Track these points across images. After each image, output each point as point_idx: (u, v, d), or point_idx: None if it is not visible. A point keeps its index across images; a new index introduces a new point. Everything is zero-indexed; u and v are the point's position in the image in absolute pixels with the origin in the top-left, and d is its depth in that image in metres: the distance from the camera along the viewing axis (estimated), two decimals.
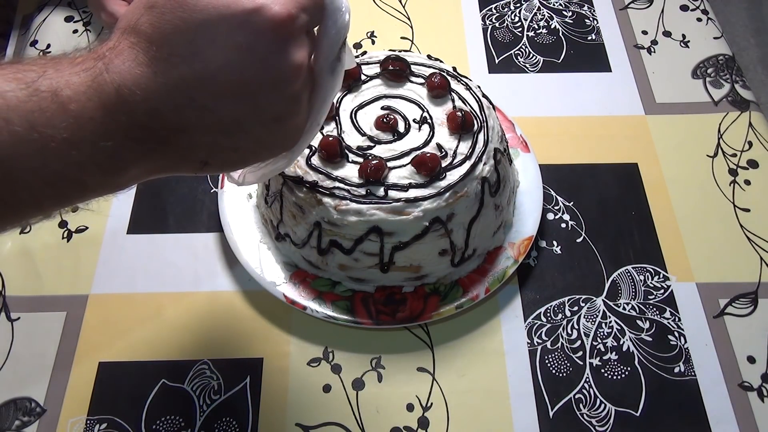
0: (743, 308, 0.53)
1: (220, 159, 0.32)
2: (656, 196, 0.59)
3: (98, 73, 0.28)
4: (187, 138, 0.30)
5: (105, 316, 0.52)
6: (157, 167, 0.31)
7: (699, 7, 0.75)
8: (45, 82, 0.27)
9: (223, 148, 0.32)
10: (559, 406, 0.49)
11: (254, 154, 0.34)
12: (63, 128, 0.27)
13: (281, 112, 0.31)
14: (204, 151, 0.31)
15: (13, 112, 0.26)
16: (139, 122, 0.28)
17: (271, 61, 0.29)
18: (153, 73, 0.28)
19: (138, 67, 0.28)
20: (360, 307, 0.51)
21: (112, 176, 0.30)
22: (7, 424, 0.47)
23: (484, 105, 0.52)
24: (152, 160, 0.30)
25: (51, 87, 0.27)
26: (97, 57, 0.28)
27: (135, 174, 0.31)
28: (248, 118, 0.31)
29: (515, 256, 0.53)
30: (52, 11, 0.72)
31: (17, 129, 0.26)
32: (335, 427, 0.48)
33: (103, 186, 0.31)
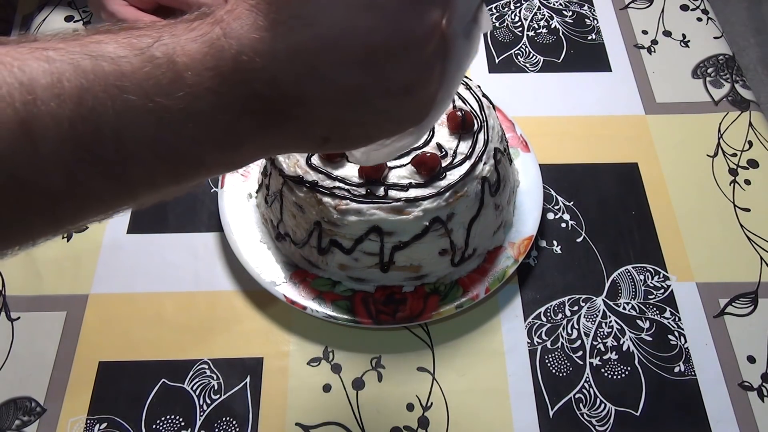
0: (743, 308, 0.53)
1: (343, 135, 0.29)
2: (656, 196, 0.59)
3: (215, 39, 0.25)
4: (308, 111, 0.27)
5: (105, 316, 0.52)
6: (275, 143, 0.29)
7: (699, 7, 0.75)
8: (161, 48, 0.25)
9: (347, 122, 0.29)
10: (559, 405, 0.49)
11: (380, 129, 0.30)
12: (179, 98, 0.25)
13: (411, 81, 0.28)
14: (325, 126, 0.28)
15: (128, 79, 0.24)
16: (258, 93, 0.26)
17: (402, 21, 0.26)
18: (272, 38, 0.25)
19: (257, 31, 0.25)
20: (360, 306, 0.51)
21: (229, 152, 0.28)
22: (7, 424, 0.47)
23: (484, 105, 0.52)
24: (270, 135, 0.28)
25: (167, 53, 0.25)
26: (215, 21, 0.26)
27: (252, 151, 0.28)
28: (375, 88, 0.27)
29: (515, 256, 0.53)
30: (52, 11, 0.72)
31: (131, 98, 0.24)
32: (335, 427, 0.48)
33: (219, 163, 0.28)
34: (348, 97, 0.27)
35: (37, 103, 0.23)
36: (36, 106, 0.23)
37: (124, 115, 0.24)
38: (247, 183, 0.57)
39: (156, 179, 0.27)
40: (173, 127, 0.25)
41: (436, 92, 0.30)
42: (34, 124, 0.23)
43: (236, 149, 0.28)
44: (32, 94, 0.23)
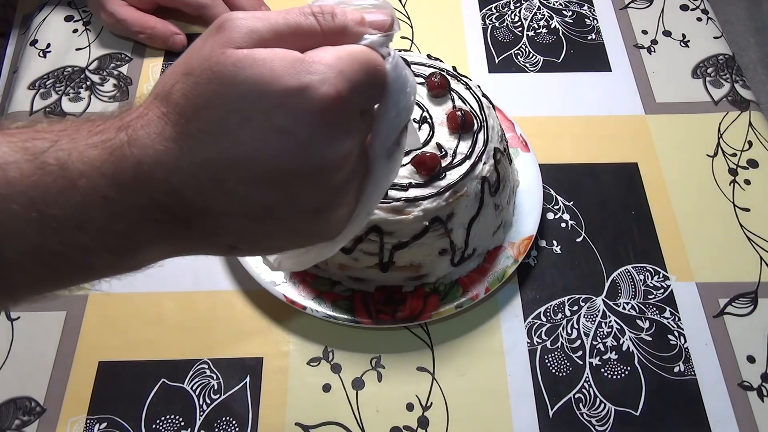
0: (743, 308, 0.53)
1: (250, 244, 0.29)
2: (656, 196, 0.59)
3: (119, 146, 0.25)
4: (213, 221, 0.27)
5: (105, 315, 0.52)
6: (177, 249, 0.28)
7: (699, 7, 0.75)
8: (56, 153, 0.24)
9: (254, 233, 0.28)
10: (559, 405, 0.49)
11: (289, 243, 0.30)
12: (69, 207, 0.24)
13: (321, 203, 0.28)
14: (232, 236, 0.28)
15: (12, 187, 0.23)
16: (159, 203, 0.25)
17: (312, 149, 0.26)
18: (179, 150, 0.25)
19: (163, 142, 0.25)
20: (360, 306, 0.51)
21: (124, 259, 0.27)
22: (7, 424, 0.47)
23: (484, 104, 0.52)
24: (172, 242, 0.27)
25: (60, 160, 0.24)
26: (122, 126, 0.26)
27: (152, 256, 0.28)
28: (283, 207, 0.27)
29: (515, 256, 0.53)
30: (52, 11, 0.72)
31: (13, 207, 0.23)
32: (335, 427, 0.48)
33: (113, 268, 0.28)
34: (255, 212, 0.27)
35: None
36: None
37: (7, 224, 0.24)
38: None
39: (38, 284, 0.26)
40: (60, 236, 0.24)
41: (350, 211, 0.30)
42: None
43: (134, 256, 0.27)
44: None
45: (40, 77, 0.66)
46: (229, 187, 0.26)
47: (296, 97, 0.25)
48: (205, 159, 0.25)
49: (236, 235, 0.28)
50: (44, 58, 0.68)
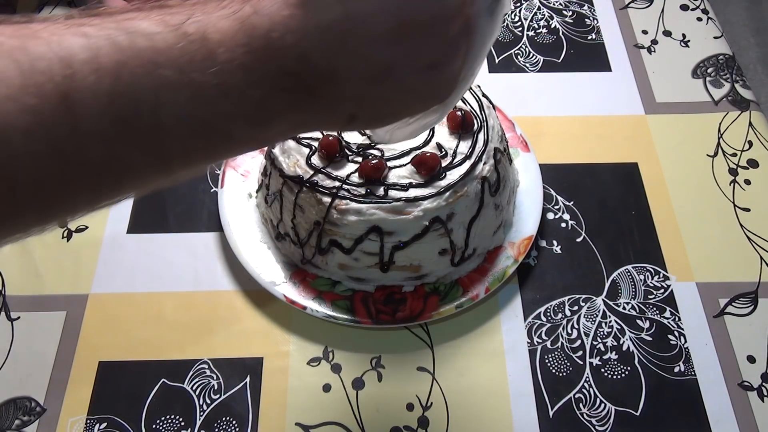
0: (743, 308, 0.53)
1: (370, 112, 0.30)
2: (656, 196, 0.59)
3: (247, 16, 0.26)
4: (338, 88, 0.28)
5: (105, 315, 0.52)
6: (304, 120, 0.29)
7: (699, 7, 0.75)
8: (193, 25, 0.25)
9: (374, 98, 0.29)
10: (559, 405, 0.49)
11: (406, 106, 0.31)
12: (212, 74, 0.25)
13: (438, 57, 0.29)
14: (354, 103, 0.29)
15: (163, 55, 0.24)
16: (289, 69, 0.26)
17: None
18: (303, 15, 0.26)
19: (288, 8, 0.26)
20: (360, 306, 0.51)
21: (260, 129, 0.28)
22: (7, 424, 0.47)
23: (484, 104, 0.52)
24: (300, 112, 0.28)
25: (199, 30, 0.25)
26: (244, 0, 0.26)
27: (282, 127, 0.29)
28: (402, 64, 0.28)
29: (515, 256, 0.53)
30: (52, 11, 0.72)
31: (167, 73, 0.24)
32: (335, 427, 0.48)
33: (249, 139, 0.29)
34: (377, 73, 0.28)
35: (76, 77, 0.23)
36: (75, 80, 0.23)
37: (160, 91, 0.24)
38: (247, 183, 0.57)
39: (190, 154, 0.27)
40: (207, 103, 0.25)
41: (460, 69, 0.31)
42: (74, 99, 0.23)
43: (267, 125, 0.28)
44: (71, 68, 0.23)
45: None
46: (353, 46, 0.27)
47: None
48: (331, 20, 0.26)
49: (357, 101, 0.29)
50: None
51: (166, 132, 0.25)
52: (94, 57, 0.23)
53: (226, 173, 0.57)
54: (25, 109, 0.22)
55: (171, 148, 0.26)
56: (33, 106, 0.22)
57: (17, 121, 0.22)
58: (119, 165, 0.26)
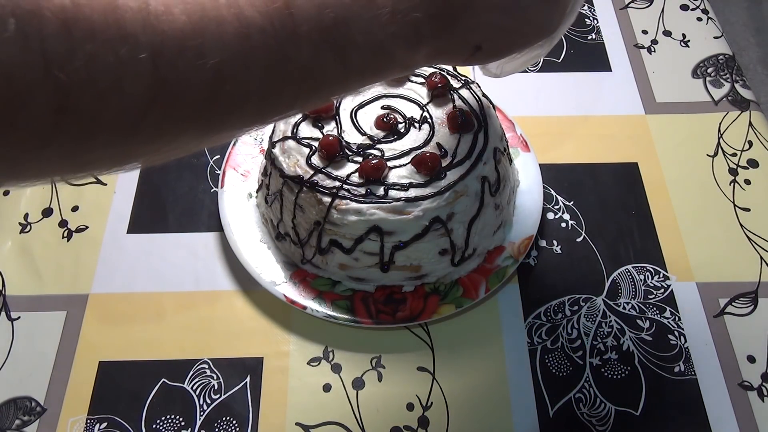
0: (743, 308, 0.53)
1: (493, 42, 0.34)
2: (656, 196, 0.59)
3: None
4: (471, 17, 0.32)
5: (105, 315, 0.52)
6: (439, 49, 0.33)
7: (699, 7, 0.75)
8: None
9: (498, 29, 0.33)
10: (559, 405, 0.49)
11: (524, 37, 0.35)
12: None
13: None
14: (482, 32, 0.33)
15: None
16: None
17: None
18: None
19: None
20: (360, 306, 0.51)
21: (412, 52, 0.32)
22: (7, 424, 0.47)
23: (484, 104, 0.52)
24: (439, 38, 0.32)
25: None
26: None
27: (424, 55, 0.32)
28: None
29: (515, 256, 0.53)
30: None
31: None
32: (335, 427, 0.48)
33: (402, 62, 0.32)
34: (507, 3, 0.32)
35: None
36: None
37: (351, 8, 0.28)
38: (247, 183, 0.57)
39: (364, 70, 0.31)
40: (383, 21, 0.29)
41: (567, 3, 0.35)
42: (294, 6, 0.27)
43: (416, 50, 0.32)
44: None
45: None
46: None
47: None
48: None
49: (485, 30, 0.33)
50: None
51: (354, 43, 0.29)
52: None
53: (226, 173, 0.57)
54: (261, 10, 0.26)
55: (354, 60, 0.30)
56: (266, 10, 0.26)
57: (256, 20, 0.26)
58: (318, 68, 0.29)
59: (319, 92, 0.31)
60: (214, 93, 0.27)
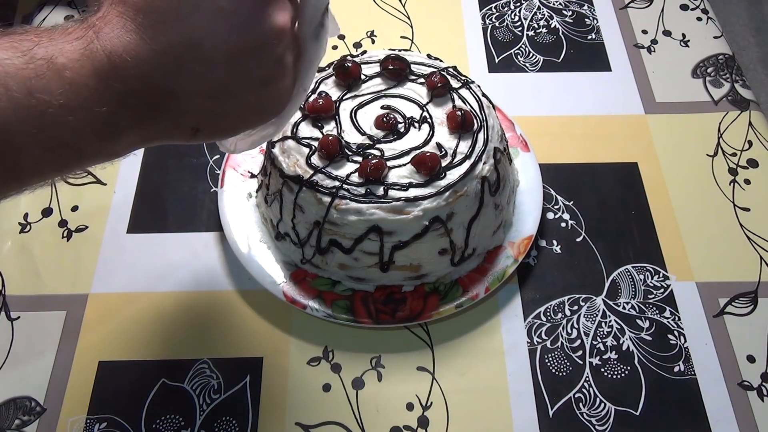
0: (743, 307, 0.53)
1: (211, 125, 0.33)
2: (656, 196, 0.59)
3: (89, 42, 0.28)
4: (178, 104, 0.31)
5: (105, 315, 0.52)
6: (150, 134, 0.32)
7: (699, 7, 0.75)
8: (40, 50, 0.28)
9: (213, 113, 0.32)
10: (559, 405, 0.49)
11: (244, 120, 0.34)
12: (59, 94, 0.27)
13: (267, 75, 0.32)
14: (194, 117, 0.32)
15: (11, 78, 0.27)
16: (131, 88, 0.29)
17: (253, 24, 0.30)
18: (141, 39, 0.29)
19: (127, 34, 0.29)
20: (360, 306, 0.51)
21: (108, 142, 0.31)
22: (7, 424, 0.47)
23: (483, 104, 0.52)
24: (145, 126, 0.31)
25: (46, 54, 0.28)
26: (88, 26, 0.29)
27: (130, 141, 0.31)
28: (235, 82, 0.31)
29: (515, 256, 0.53)
30: (52, 10, 0.72)
31: (16, 95, 0.27)
32: (335, 427, 0.48)
33: (99, 153, 0.31)
34: (213, 90, 0.31)
35: None
36: None
37: (10, 111, 0.27)
38: (247, 183, 0.57)
39: (42, 168, 0.30)
40: (55, 120, 0.28)
41: (290, 86, 0.35)
42: None
43: (115, 140, 0.31)
44: None
45: None
46: (189, 68, 0.30)
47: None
48: (166, 45, 0.29)
49: (198, 116, 0.32)
50: None
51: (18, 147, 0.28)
52: None
53: (226, 173, 0.57)
54: None
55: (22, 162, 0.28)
56: None
57: None
58: None
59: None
60: None
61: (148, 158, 0.62)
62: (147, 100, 0.30)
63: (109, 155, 0.32)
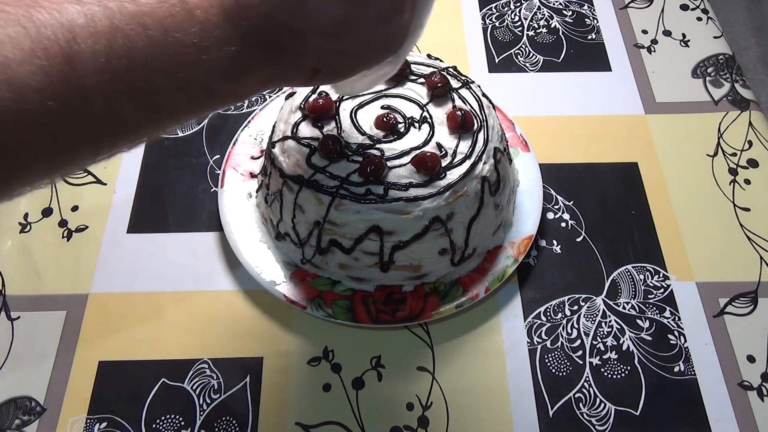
0: (743, 307, 0.53)
1: (330, 65, 0.33)
2: (656, 196, 0.59)
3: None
4: (300, 42, 0.31)
5: (105, 315, 0.52)
6: (272, 75, 0.32)
7: (699, 7, 0.75)
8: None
9: (333, 52, 0.32)
10: (559, 405, 0.49)
11: (362, 58, 0.34)
12: (193, 33, 0.28)
13: (386, 10, 0.32)
14: (315, 56, 0.32)
15: (149, 17, 0.27)
16: (257, 27, 0.30)
17: None
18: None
19: None
20: (360, 306, 0.51)
21: (235, 83, 0.31)
22: (7, 423, 0.47)
23: (484, 104, 0.52)
24: (269, 67, 0.31)
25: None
26: None
27: (254, 83, 0.32)
28: (355, 17, 0.31)
29: (515, 256, 0.53)
30: None
31: (154, 34, 0.27)
32: (335, 427, 0.48)
33: (227, 94, 0.32)
34: (334, 27, 0.31)
35: (77, 40, 0.26)
36: (76, 43, 0.26)
37: (149, 50, 0.27)
38: (247, 183, 0.57)
39: (177, 108, 0.30)
40: (189, 59, 0.28)
41: (408, 22, 0.34)
42: (77, 59, 0.26)
43: (241, 80, 0.31)
44: (72, 32, 0.26)
45: None
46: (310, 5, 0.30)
47: None
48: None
49: (318, 55, 0.32)
50: None
51: (156, 86, 0.28)
52: (90, 22, 0.26)
53: (226, 173, 0.57)
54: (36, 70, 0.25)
55: (160, 102, 0.29)
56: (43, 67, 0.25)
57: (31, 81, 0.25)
58: (116, 117, 0.28)
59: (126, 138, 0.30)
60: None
61: (148, 158, 0.62)
62: (271, 38, 0.30)
63: (235, 97, 0.33)
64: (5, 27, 0.25)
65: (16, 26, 0.25)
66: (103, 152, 0.30)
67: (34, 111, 0.25)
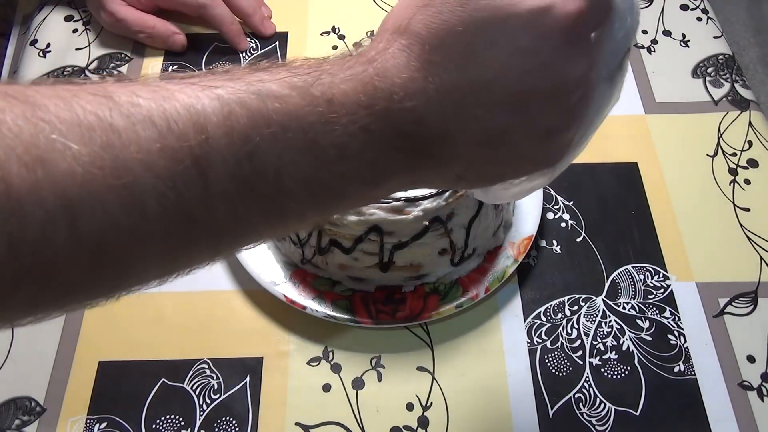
0: (743, 307, 0.53)
1: (477, 173, 0.30)
2: (656, 196, 0.59)
3: (369, 79, 0.26)
4: (449, 150, 0.28)
5: (105, 315, 0.52)
6: (413, 179, 0.29)
7: (699, 7, 0.75)
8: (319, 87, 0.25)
9: (483, 161, 0.29)
10: (559, 405, 0.49)
11: (513, 169, 0.31)
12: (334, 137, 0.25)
13: (554, 125, 0.28)
14: (463, 165, 0.29)
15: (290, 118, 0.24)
16: (405, 132, 0.26)
17: (554, 68, 0.26)
18: (424, 79, 0.26)
19: (409, 71, 0.26)
20: (360, 306, 0.51)
21: (371, 187, 0.28)
22: (7, 424, 0.47)
23: None
24: (410, 172, 0.28)
25: (324, 92, 0.25)
26: (368, 61, 0.26)
27: (392, 186, 0.29)
28: (517, 130, 0.28)
29: (515, 256, 0.53)
30: (52, 10, 0.72)
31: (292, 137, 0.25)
32: (335, 427, 0.48)
33: (361, 198, 0.29)
34: (491, 137, 0.28)
35: (209, 141, 0.23)
36: (208, 144, 0.23)
37: (284, 154, 0.25)
38: None
39: (305, 213, 0.27)
40: (326, 165, 0.25)
41: (574, 136, 0.30)
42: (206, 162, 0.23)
43: (379, 185, 0.28)
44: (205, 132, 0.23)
45: (40, 77, 0.66)
46: (470, 111, 0.27)
47: (541, 16, 0.25)
48: (451, 85, 0.26)
49: (467, 163, 0.29)
50: (44, 58, 0.68)
51: (286, 193, 0.25)
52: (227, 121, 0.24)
53: None
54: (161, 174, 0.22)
55: (288, 208, 0.26)
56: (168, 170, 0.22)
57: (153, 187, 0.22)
58: (239, 224, 0.26)
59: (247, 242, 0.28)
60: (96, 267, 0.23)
61: None
62: (419, 144, 0.27)
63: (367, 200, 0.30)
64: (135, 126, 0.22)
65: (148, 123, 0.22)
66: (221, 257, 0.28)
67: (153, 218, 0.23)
